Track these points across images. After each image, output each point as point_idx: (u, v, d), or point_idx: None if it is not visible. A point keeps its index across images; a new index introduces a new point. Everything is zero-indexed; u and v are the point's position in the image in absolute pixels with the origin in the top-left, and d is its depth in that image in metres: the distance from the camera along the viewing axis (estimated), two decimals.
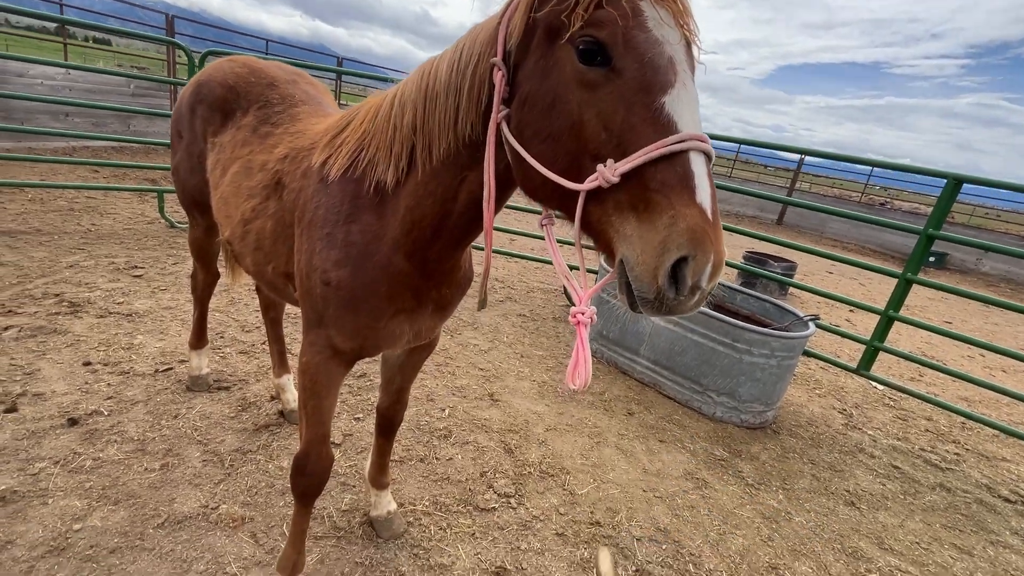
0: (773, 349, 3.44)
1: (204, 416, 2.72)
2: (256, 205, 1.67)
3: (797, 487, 3.10)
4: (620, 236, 0.87)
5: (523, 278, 6.16)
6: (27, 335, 3.10)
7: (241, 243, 1.76)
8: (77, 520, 2.01)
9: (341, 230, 1.40)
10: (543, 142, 0.97)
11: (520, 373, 3.83)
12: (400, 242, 1.37)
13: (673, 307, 0.84)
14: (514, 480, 2.67)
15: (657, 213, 0.81)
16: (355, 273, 1.39)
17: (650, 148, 0.82)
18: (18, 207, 5.41)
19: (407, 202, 1.33)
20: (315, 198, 1.46)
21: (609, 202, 0.88)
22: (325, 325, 1.48)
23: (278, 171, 1.65)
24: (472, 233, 1.37)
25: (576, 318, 0.98)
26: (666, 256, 0.80)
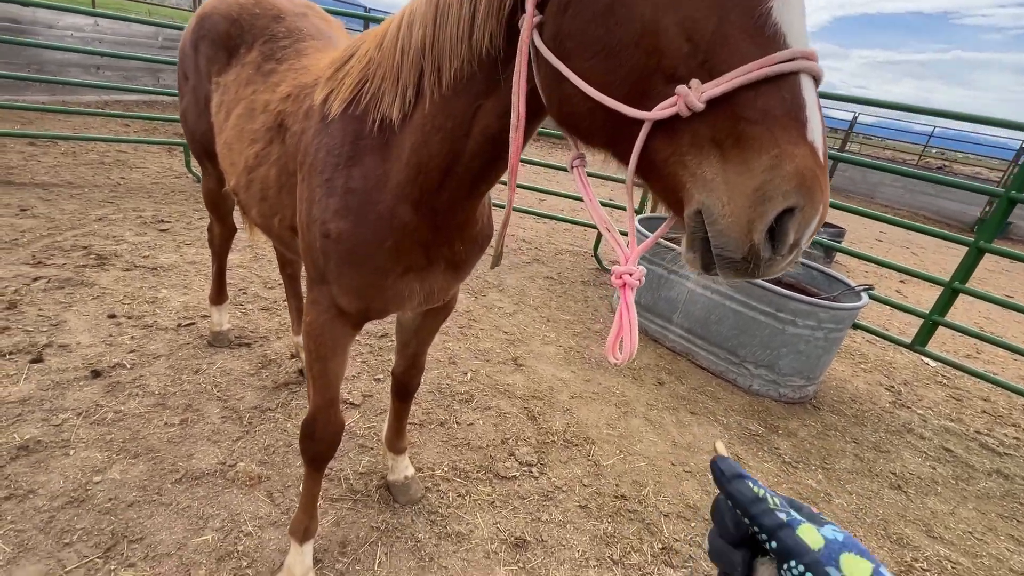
0: (820, 321, 3.18)
1: (224, 372, 2.70)
2: (259, 151, 1.53)
3: (838, 467, 2.91)
4: (697, 180, 0.70)
5: (551, 239, 5.95)
6: (55, 286, 3.12)
7: (246, 193, 1.63)
8: (97, 472, 2.01)
9: (341, 175, 1.24)
10: (594, 57, 0.77)
11: (546, 337, 3.69)
12: (405, 189, 1.21)
13: (763, 268, 0.69)
14: (536, 448, 2.57)
15: (754, 151, 0.64)
16: (356, 225, 1.24)
17: (752, 67, 0.63)
18: (51, 160, 5.46)
19: (412, 140, 1.16)
20: (315, 140, 1.30)
21: (684, 136, 0.70)
22: (328, 282, 1.34)
23: (280, 112, 1.49)
24: (488, 178, 1.19)
25: (622, 279, 0.81)
26: (767, 206, 0.64)
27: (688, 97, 0.66)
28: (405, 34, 1.09)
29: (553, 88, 0.85)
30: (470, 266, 1.50)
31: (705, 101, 0.66)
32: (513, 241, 5.57)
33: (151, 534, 1.82)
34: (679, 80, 0.69)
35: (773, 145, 0.63)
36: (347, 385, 2.75)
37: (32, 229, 3.80)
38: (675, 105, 0.68)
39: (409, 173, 1.19)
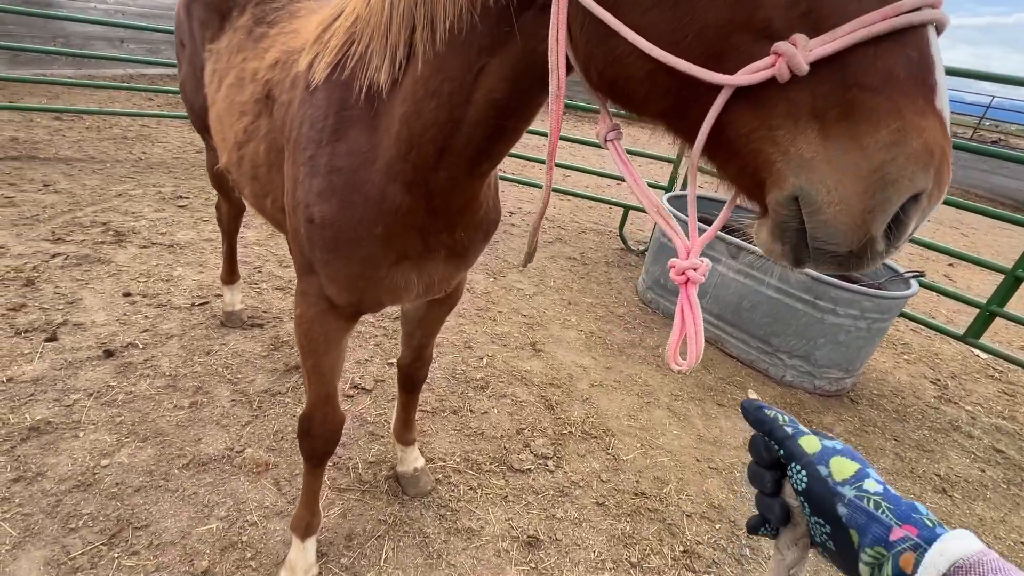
0: (864, 310, 2.95)
1: (236, 354, 2.65)
2: (248, 125, 1.40)
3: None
4: (791, 160, 0.57)
5: (575, 218, 5.74)
6: (73, 263, 3.11)
7: (238, 171, 1.51)
8: (105, 456, 1.98)
9: (325, 152, 1.10)
10: (655, 8, 0.62)
11: (566, 321, 3.55)
12: (396, 167, 1.07)
13: (871, 262, 0.59)
14: (553, 440, 2.46)
15: (870, 124, 0.52)
16: (342, 208, 1.11)
17: (874, 17, 0.51)
18: (76, 134, 5.48)
19: (403, 109, 1.01)
20: (300, 111, 1.16)
21: (776, 106, 0.57)
22: (316, 272, 1.22)
23: (268, 81, 1.35)
24: (492, 154, 1.04)
25: (685, 275, 0.71)
26: (890, 192, 0.53)
27: (794, 58, 0.53)
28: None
29: (596, 46, 0.69)
30: (474, 254, 1.36)
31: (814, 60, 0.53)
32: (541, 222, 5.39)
33: (156, 521, 1.79)
34: (772, 37, 0.56)
35: (895, 116, 0.51)
36: (359, 369, 2.68)
37: (53, 205, 3.81)
38: (772, 67, 0.55)
39: (400, 148, 1.04)
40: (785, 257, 0.64)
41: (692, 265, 0.70)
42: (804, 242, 0.61)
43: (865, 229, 0.55)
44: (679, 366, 0.72)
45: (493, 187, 1.35)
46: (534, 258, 1.05)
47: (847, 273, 0.64)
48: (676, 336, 0.72)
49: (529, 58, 0.83)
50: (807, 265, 0.64)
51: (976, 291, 5.91)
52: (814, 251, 0.61)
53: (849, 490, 0.60)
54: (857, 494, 0.59)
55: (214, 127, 1.65)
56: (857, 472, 0.61)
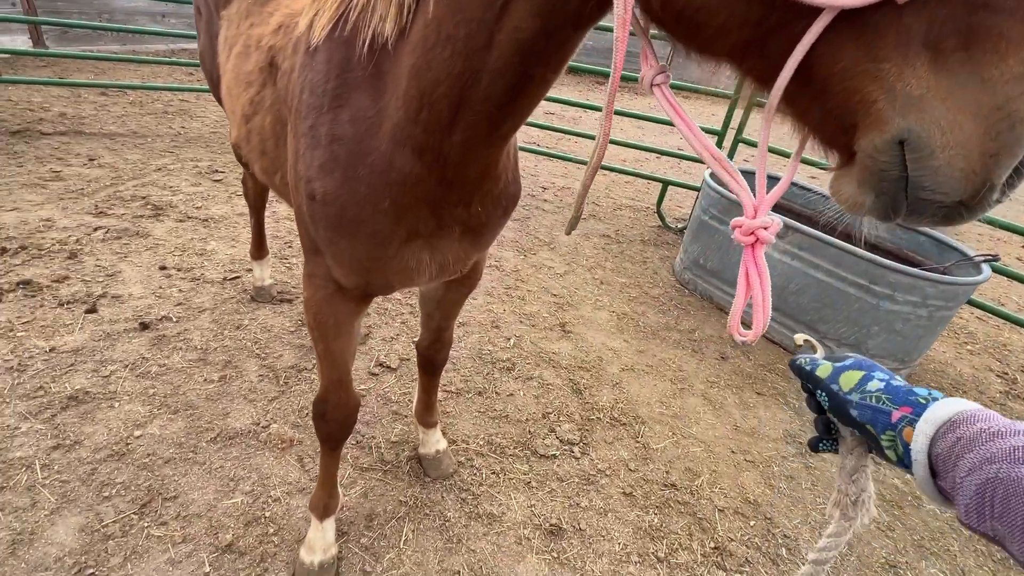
0: (926, 296, 2.69)
1: (265, 328, 2.67)
2: (253, 96, 1.33)
3: None
4: (896, 98, 0.50)
5: (610, 193, 5.52)
6: (113, 237, 3.20)
7: (247, 146, 1.45)
8: (138, 427, 2.03)
9: (326, 120, 1.01)
10: None
11: (598, 302, 3.42)
12: (405, 131, 0.96)
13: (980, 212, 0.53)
14: (580, 426, 2.38)
15: (994, 54, 0.45)
16: (346, 182, 1.02)
17: None
18: (120, 109, 5.62)
19: (412, 61, 0.90)
20: (300, 77, 1.07)
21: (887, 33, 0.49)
22: (321, 253, 1.15)
23: (272, 48, 1.27)
24: (516, 111, 0.91)
25: (753, 234, 0.65)
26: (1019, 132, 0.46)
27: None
28: None
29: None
30: (492, 232, 1.26)
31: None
32: (569, 195, 5.22)
33: (184, 493, 1.82)
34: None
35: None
36: (384, 347, 2.66)
37: (97, 179, 3.92)
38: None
39: (409, 108, 0.94)
40: (875, 211, 0.57)
41: (762, 224, 0.64)
42: (903, 191, 0.54)
43: (984, 176, 0.49)
44: (742, 337, 0.69)
45: (513, 157, 1.24)
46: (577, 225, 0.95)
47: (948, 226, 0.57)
48: (740, 302, 0.67)
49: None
50: (898, 219, 0.57)
51: None
52: (915, 202, 0.54)
53: (855, 395, 0.71)
54: (861, 396, 0.71)
55: (224, 99, 1.59)
56: (861, 378, 0.73)
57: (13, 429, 1.93)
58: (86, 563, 1.57)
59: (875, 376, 0.72)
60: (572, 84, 10.32)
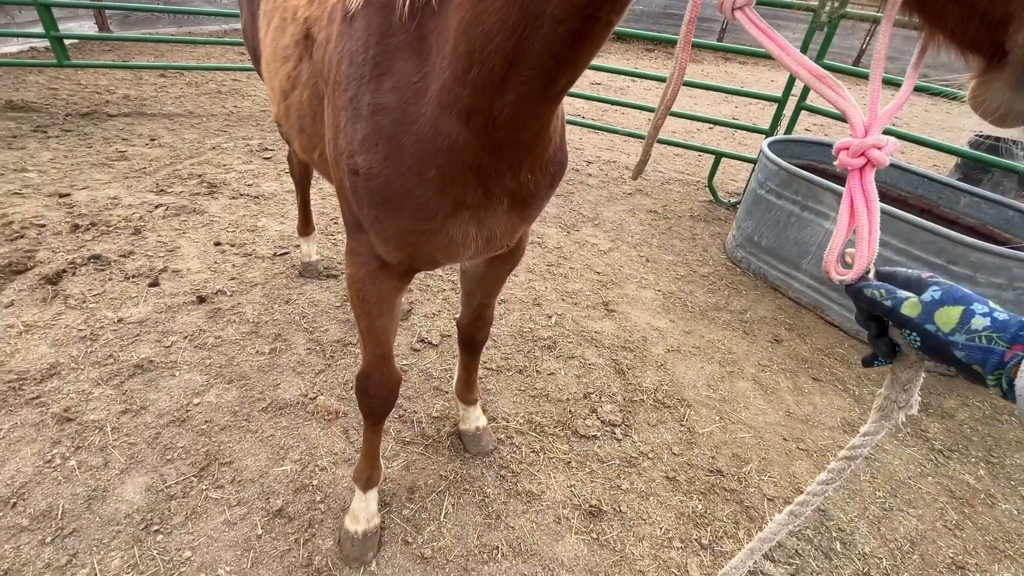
0: (1013, 278, 2.44)
1: (312, 303, 2.74)
2: (291, 71, 1.31)
3: (1008, 463, 2.33)
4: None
5: (658, 166, 5.30)
6: (172, 214, 3.35)
7: (287, 123, 1.44)
8: (197, 395, 2.14)
9: (367, 90, 0.98)
10: None
11: (643, 281, 3.31)
12: (453, 93, 0.91)
13: None
14: (622, 407, 2.33)
15: None
16: (390, 155, 0.99)
17: None
18: (178, 90, 5.85)
19: (460, 15, 0.83)
20: (338, 47, 1.04)
21: None
22: (364, 229, 1.14)
23: (307, 19, 1.24)
24: (574, 62, 0.83)
25: (864, 155, 0.61)
26: None
27: None
28: None
29: None
30: (539, 203, 1.21)
31: None
32: (615, 169, 5.05)
33: (238, 459, 1.91)
34: None
35: None
36: (425, 323, 2.68)
37: (158, 158, 4.11)
38: None
39: (457, 68, 0.88)
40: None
41: (875, 142, 0.59)
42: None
43: None
44: (841, 275, 0.66)
45: (561, 122, 1.17)
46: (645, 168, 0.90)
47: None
48: (841, 234, 0.63)
49: None
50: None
51: None
52: None
53: (960, 336, 0.63)
54: (967, 338, 0.62)
55: (264, 75, 1.59)
56: (962, 316, 0.63)
57: (87, 394, 2.07)
58: (151, 520, 1.68)
59: (975, 311, 0.63)
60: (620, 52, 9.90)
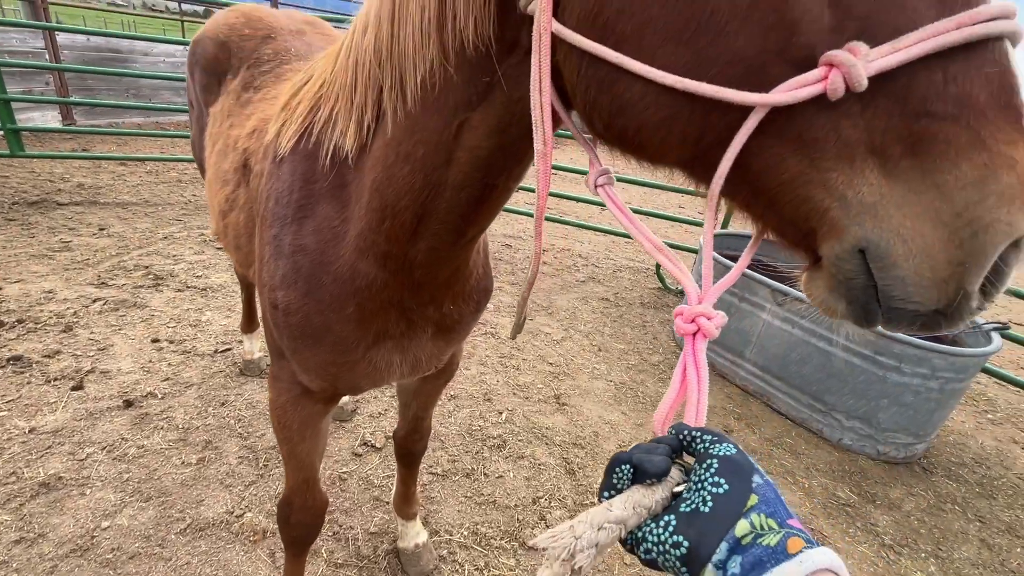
0: (935, 368, 2.58)
1: (250, 405, 2.62)
2: (229, 194, 1.35)
3: (957, 556, 2.32)
4: (849, 206, 0.49)
5: (610, 254, 5.54)
6: (111, 308, 3.22)
7: (224, 240, 1.47)
8: (107, 516, 1.95)
9: (290, 231, 1.02)
10: (667, 43, 0.53)
11: (595, 371, 3.34)
12: (368, 240, 0.96)
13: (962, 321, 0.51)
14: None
15: (947, 159, 0.45)
16: (309, 292, 1.01)
17: (948, 25, 0.43)
18: (136, 179, 5.86)
19: (373, 175, 0.90)
20: (266, 185, 1.09)
21: (827, 141, 0.49)
22: (287, 358, 1.13)
23: (246, 150, 1.30)
24: (480, 219, 0.92)
25: (695, 322, 0.61)
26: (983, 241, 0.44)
27: (853, 68, 0.44)
28: (358, 41, 0.85)
29: (599, 93, 0.59)
30: (465, 329, 1.23)
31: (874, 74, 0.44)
32: (568, 257, 5.24)
33: None
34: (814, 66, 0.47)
35: (978, 147, 0.44)
36: (370, 424, 2.58)
37: (104, 248, 4.02)
38: (822, 81, 0.46)
39: (372, 219, 0.94)
40: (850, 316, 0.55)
41: (705, 312, 0.61)
42: (875, 300, 0.52)
43: (955, 284, 0.47)
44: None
45: (483, 251, 1.23)
46: (523, 328, 0.93)
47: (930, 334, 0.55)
48: (670, 399, 0.62)
49: (517, 108, 0.73)
50: (878, 325, 0.54)
51: None
52: (889, 310, 0.52)
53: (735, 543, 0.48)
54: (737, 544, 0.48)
55: (207, 192, 1.63)
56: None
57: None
58: None
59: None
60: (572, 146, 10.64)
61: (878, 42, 0.45)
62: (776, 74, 0.49)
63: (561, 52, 0.61)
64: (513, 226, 5.75)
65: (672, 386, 0.62)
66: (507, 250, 5.11)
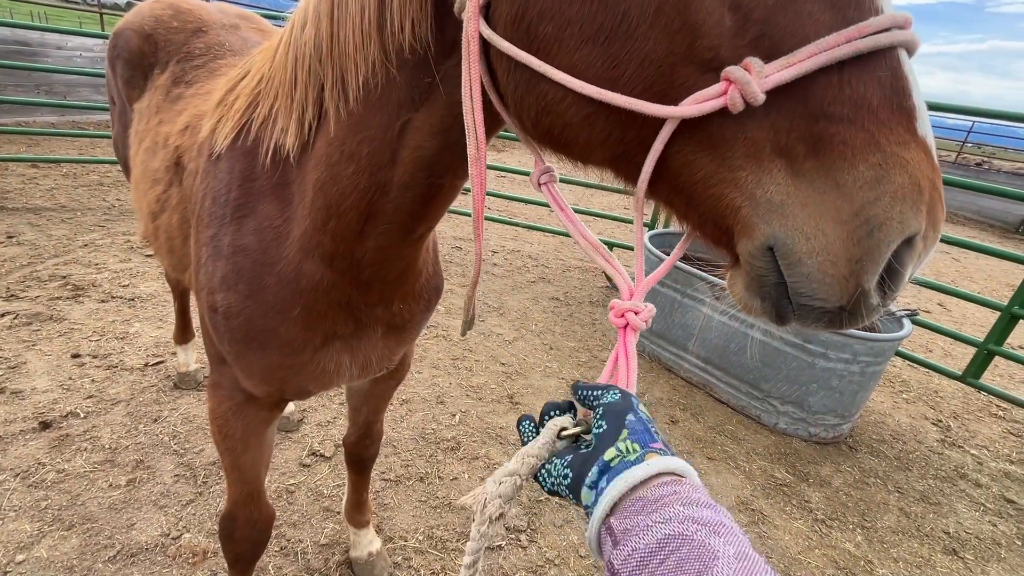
0: (856, 353, 2.80)
1: (186, 420, 2.47)
2: (160, 194, 1.28)
3: (880, 525, 2.52)
4: (758, 205, 0.52)
5: (559, 255, 5.63)
6: (22, 323, 2.95)
7: (155, 243, 1.39)
8: (22, 549, 1.78)
9: (228, 231, 0.98)
10: (583, 46, 0.56)
11: (547, 369, 3.38)
12: (313, 240, 0.93)
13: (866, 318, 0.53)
14: (528, 509, 2.26)
15: (844, 160, 0.47)
16: (251, 294, 0.97)
17: (838, 39, 0.45)
18: (50, 183, 5.39)
19: (316, 175, 0.88)
20: (203, 183, 1.04)
21: (732, 144, 0.52)
22: (229, 363, 1.08)
23: (178, 147, 1.24)
24: (428, 217, 0.92)
25: (624, 317, 0.67)
26: (879, 237, 0.47)
27: (747, 85, 0.47)
28: (297, 37, 0.83)
29: (526, 93, 0.61)
30: (415, 328, 1.22)
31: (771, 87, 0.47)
32: (518, 258, 5.28)
33: None
34: (720, 68, 0.50)
35: (872, 148, 0.46)
36: (318, 433, 2.50)
37: (13, 258, 3.67)
38: (722, 96, 0.49)
39: (316, 218, 0.92)
40: (766, 314, 0.58)
41: (634, 307, 0.65)
42: (786, 297, 0.55)
43: (855, 281, 0.49)
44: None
45: (432, 250, 1.22)
46: (472, 325, 0.93)
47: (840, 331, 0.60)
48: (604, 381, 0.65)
49: (458, 108, 0.72)
50: (792, 322, 0.57)
51: (972, 322, 5.79)
52: (799, 308, 0.54)
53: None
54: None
55: (133, 193, 1.53)
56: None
57: None
58: None
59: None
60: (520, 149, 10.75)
61: (779, 45, 0.47)
62: (685, 75, 0.52)
63: (493, 53, 0.63)
64: (463, 228, 5.74)
65: (605, 372, 0.67)
66: (457, 252, 5.09)
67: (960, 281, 7.50)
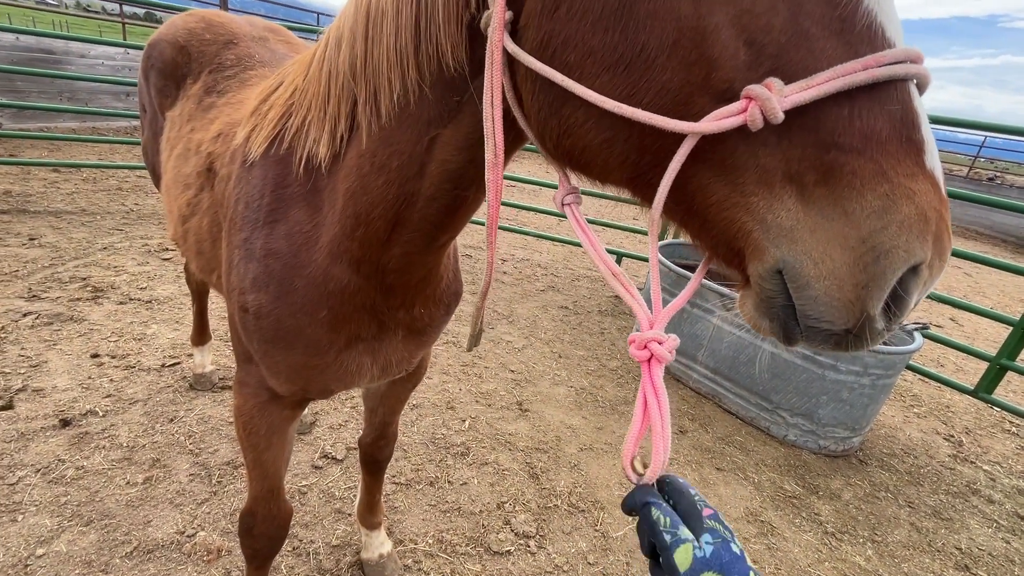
0: (866, 366, 2.79)
1: (202, 420, 2.51)
2: (191, 198, 1.33)
3: (891, 539, 2.51)
4: (769, 229, 0.54)
5: (568, 264, 5.66)
6: (43, 323, 3.02)
7: (184, 245, 1.44)
8: (43, 543, 1.82)
9: (261, 234, 1.02)
10: (604, 73, 0.58)
11: (556, 377, 3.40)
12: (341, 246, 0.97)
13: (871, 341, 0.54)
14: (536, 515, 2.27)
15: (854, 189, 0.49)
16: (281, 296, 1.01)
17: (855, 66, 0.47)
18: (71, 187, 5.52)
19: (347, 185, 0.92)
20: (235, 189, 1.09)
21: (746, 169, 0.54)
22: (255, 362, 1.11)
23: (211, 154, 1.29)
24: (451, 227, 0.95)
25: (647, 348, 0.63)
26: (884, 265, 0.49)
27: (768, 102, 0.48)
28: (332, 54, 0.87)
29: (549, 116, 0.64)
30: (435, 331, 1.25)
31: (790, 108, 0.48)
32: (528, 267, 5.32)
33: None
34: (735, 99, 0.52)
35: (880, 179, 0.48)
36: (330, 436, 2.53)
37: (35, 260, 3.76)
38: (743, 113, 0.50)
39: (345, 226, 0.95)
40: (775, 334, 0.59)
41: (657, 338, 0.61)
42: (794, 319, 0.56)
43: (860, 306, 0.51)
44: (636, 476, 0.63)
45: (453, 256, 1.26)
46: (480, 341, 0.96)
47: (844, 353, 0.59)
48: (635, 431, 0.62)
49: None
50: (800, 343, 0.58)
51: (984, 336, 5.74)
52: (807, 330, 0.56)
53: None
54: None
55: (163, 197, 1.59)
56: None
57: None
58: None
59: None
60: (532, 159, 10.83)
61: (792, 78, 0.49)
62: (701, 104, 0.53)
63: (519, 75, 0.66)
64: (474, 236, 5.79)
65: (635, 417, 0.62)
66: (467, 260, 5.14)
67: (973, 296, 7.44)
